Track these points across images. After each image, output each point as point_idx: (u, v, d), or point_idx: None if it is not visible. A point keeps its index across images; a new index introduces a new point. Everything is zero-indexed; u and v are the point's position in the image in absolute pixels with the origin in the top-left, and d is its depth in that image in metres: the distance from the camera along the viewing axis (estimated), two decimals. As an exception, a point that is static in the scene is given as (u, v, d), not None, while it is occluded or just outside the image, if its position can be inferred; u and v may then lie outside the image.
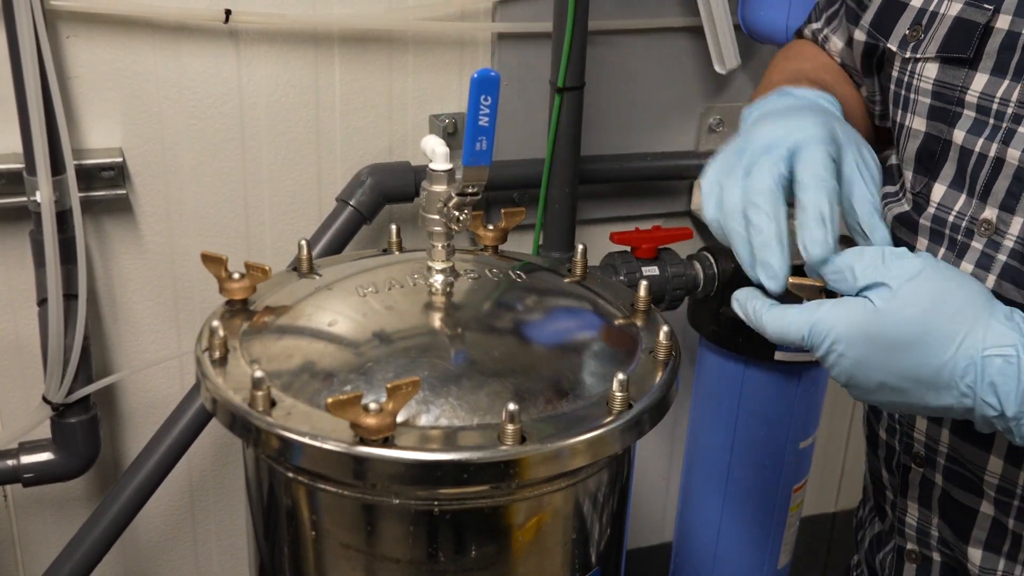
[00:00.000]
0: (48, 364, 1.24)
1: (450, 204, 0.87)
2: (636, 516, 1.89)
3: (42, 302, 1.25)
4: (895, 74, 0.92)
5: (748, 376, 1.52)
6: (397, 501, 0.81)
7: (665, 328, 0.89)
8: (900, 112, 0.92)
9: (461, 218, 0.88)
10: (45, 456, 1.30)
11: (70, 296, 1.23)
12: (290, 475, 0.84)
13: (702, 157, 1.58)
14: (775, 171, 0.75)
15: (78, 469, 1.32)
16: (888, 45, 0.92)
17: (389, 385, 0.75)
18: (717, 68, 1.46)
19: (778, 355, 1.47)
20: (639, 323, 0.94)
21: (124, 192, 1.32)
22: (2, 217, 1.31)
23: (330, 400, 0.74)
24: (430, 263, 0.92)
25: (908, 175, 0.92)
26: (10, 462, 1.29)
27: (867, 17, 0.96)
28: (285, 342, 0.88)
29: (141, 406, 1.46)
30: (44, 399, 1.26)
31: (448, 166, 0.88)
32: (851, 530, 2.13)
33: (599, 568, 0.91)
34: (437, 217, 0.89)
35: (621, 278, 1.45)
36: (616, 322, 0.94)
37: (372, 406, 0.75)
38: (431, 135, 0.89)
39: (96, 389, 1.28)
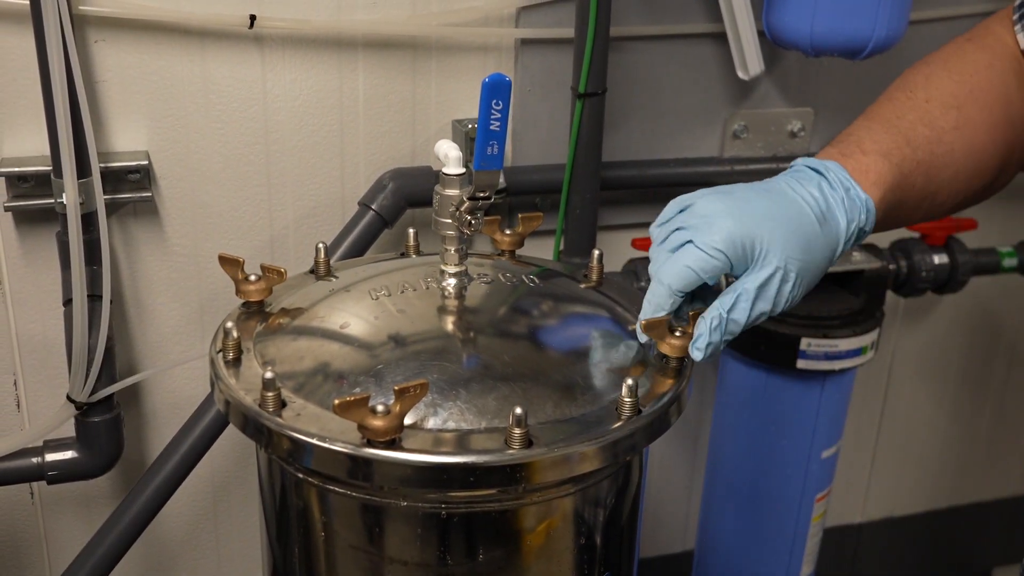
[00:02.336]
0: (72, 364, 1.26)
1: (462, 208, 0.88)
2: (658, 524, 1.89)
3: (67, 302, 1.27)
4: None
5: (770, 384, 1.51)
6: (405, 503, 0.81)
7: (678, 334, 0.89)
8: None
9: (473, 222, 0.88)
10: (69, 454, 1.31)
11: (94, 297, 1.25)
12: (300, 476, 0.85)
13: (726, 163, 1.57)
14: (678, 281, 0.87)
15: (101, 467, 1.33)
16: None
17: (397, 387, 0.75)
18: (740, 74, 1.45)
19: (800, 363, 1.46)
20: (653, 329, 0.93)
21: (150, 195, 1.33)
22: (31, 219, 1.33)
23: (337, 402, 0.74)
24: (443, 267, 0.93)
25: None
26: (35, 460, 1.31)
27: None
28: (298, 344, 0.89)
29: (166, 406, 1.48)
30: (68, 398, 1.28)
31: (461, 170, 0.89)
32: (878, 541, 2.10)
33: (609, 574, 0.91)
34: (450, 221, 0.90)
35: (642, 284, 1.45)
36: (629, 328, 0.94)
37: (379, 408, 0.75)
38: (444, 140, 0.90)
39: (119, 389, 1.30)
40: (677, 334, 0.88)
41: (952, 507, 2.07)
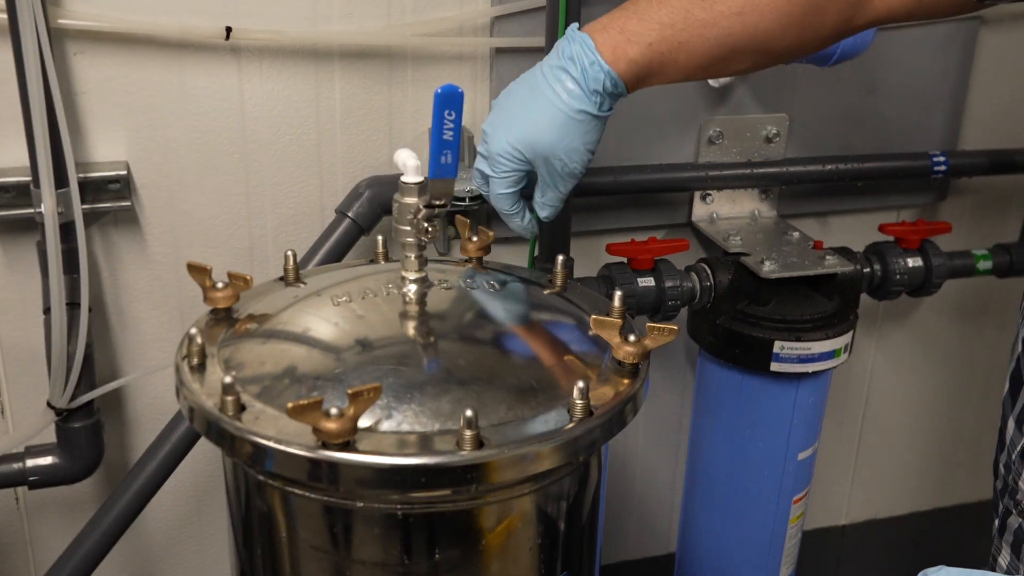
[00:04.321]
0: (52, 370, 1.28)
1: (419, 216, 0.90)
2: (642, 526, 1.90)
3: (47, 310, 1.29)
4: None
5: (745, 386, 1.52)
6: (362, 504, 0.83)
7: (632, 336, 0.91)
8: None
9: (430, 230, 0.90)
10: (49, 460, 1.33)
11: (73, 304, 1.27)
12: (261, 479, 0.87)
13: (701, 169, 1.59)
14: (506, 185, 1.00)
15: (82, 473, 1.36)
16: None
17: (350, 391, 0.77)
18: (711, 82, 1.47)
19: (774, 366, 1.48)
20: (611, 332, 0.95)
21: (130, 204, 1.35)
22: (12, 228, 1.35)
23: (290, 405, 0.76)
24: (404, 273, 0.95)
25: None
26: (16, 465, 1.33)
27: None
28: (259, 349, 0.91)
29: (148, 412, 1.50)
30: (48, 404, 1.30)
31: (419, 178, 0.91)
32: (862, 543, 2.12)
33: (567, 573, 0.92)
34: (409, 228, 0.92)
35: (616, 289, 1.46)
36: (588, 332, 0.96)
37: (333, 411, 0.77)
38: (404, 149, 0.92)
39: (99, 395, 1.32)
40: (631, 339, 0.90)
41: (936, 508, 2.08)
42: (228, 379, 0.82)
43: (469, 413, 0.78)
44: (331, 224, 1.41)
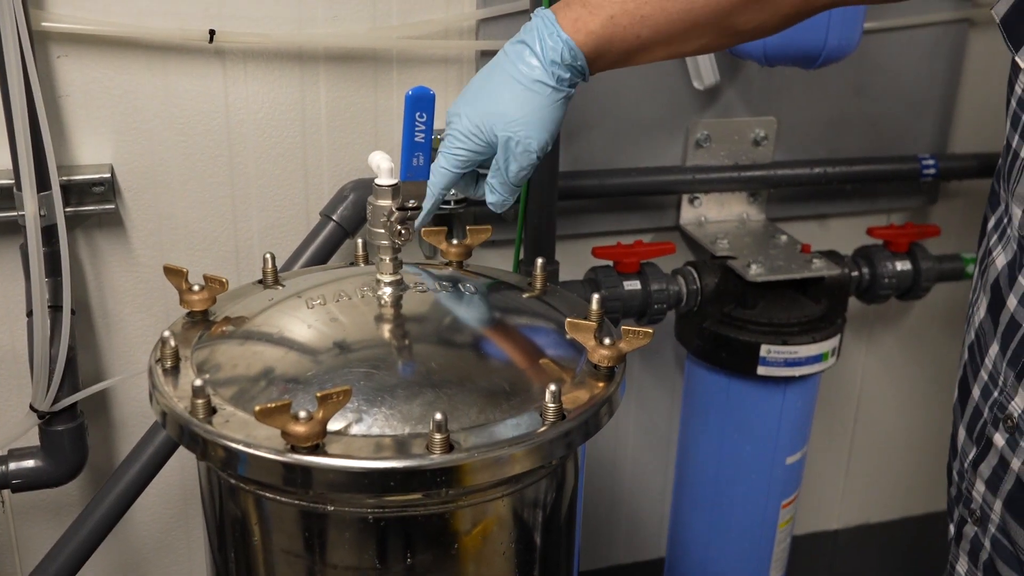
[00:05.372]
0: (34, 373, 1.28)
1: (392, 218, 0.90)
2: (634, 530, 1.90)
3: (31, 313, 1.29)
4: (1019, 90, 0.84)
5: (732, 390, 1.52)
6: (332, 508, 0.83)
7: (607, 340, 0.90)
8: (1017, 137, 0.86)
9: (404, 232, 0.90)
10: (32, 463, 1.33)
11: (56, 307, 1.27)
12: (232, 482, 0.87)
13: (688, 172, 1.58)
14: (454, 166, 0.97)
15: (65, 476, 1.35)
16: (1017, 58, 0.84)
17: (319, 394, 0.77)
18: (695, 84, 1.47)
19: (761, 370, 1.47)
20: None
21: (114, 207, 1.35)
22: (-2, 231, 1.35)
23: (257, 408, 0.76)
24: (378, 276, 0.95)
25: (1018, 213, 0.87)
26: (-1, 468, 1.33)
27: (1000, 7, 0.87)
28: (231, 352, 0.90)
29: (134, 415, 1.50)
30: (31, 407, 1.30)
31: (392, 181, 0.91)
32: (854, 548, 2.11)
33: (540, 577, 0.92)
34: (382, 231, 0.92)
35: (603, 292, 1.46)
36: (566, 335, 0.95)
37: (301, 414, 0.77)
38: (378, 151, 0.91)
39: (81, 398, 1.32)
40: (606, 342, 0.89)
41: (928, 513, 2.07)
42: (198, 382, 0.82)
43: (439, 416, 0.78)
44: (316, 227, 1.40)
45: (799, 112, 1.63)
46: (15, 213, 1.28)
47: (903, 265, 1.61)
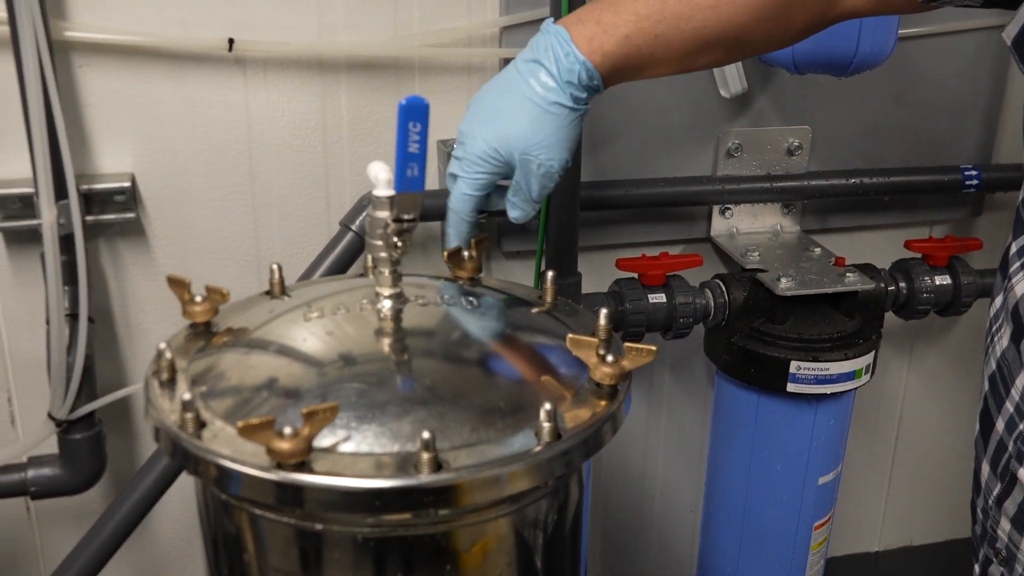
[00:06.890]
0: (52, 382, 1.29)
1: (389, 230, 0.88)
2: (663, 548, 1.85)
3: (48, 321, 1.29)
4: None
5: (762, 407, 1.48)
6: (320, 527, 0.81)
7: (610, 357, 0.87)
8: None
9: (400, 244, 0.88)
10: (51, 471, 1.34)
11: (73, 316, 1.27)
12: (223, 498, 0.85)
13: (717, 182, 1.55)
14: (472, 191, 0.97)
15: (83, 484, 1.36)
16: None
17: (305, 410, 0.75)
18: (722, 92, 1.43)
19: (791, 387, 1.43)
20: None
21: (134, 215, 1.36)
22: (20, 239, 1.36)
23: (240, 424, 0.74)
24: (378, 289, 0.93)
25: None
26: (18, 475, 1.33)
27: (1011, 28, 0.86)
28: (225, 365, 0.89)
29: (156, 424, 1.50)
30: (49, 415, 1.31)
31: (391, 192, 0.88)
32: (895, 571, 2.04)
33: (540, 601, 0.89)
34: (380, 243, 0.90)
35: (627, 306, 1.43)
36: (570, 352, 0.92)
37: (286, 430, 0.75)
38: (376, 161, 0.89)
39: (99, 406, 1.32)
40: (609, 359, 0.86)
41: (974, 536, 2.00)
42: (187, 396, 0.80)
43: (427, 435, 0.75)
44: (335, 237, 1.39)
45: (835, 121, 1.58)
46: (36, 221, 1.29)
47: (942, 280, 1.55)
